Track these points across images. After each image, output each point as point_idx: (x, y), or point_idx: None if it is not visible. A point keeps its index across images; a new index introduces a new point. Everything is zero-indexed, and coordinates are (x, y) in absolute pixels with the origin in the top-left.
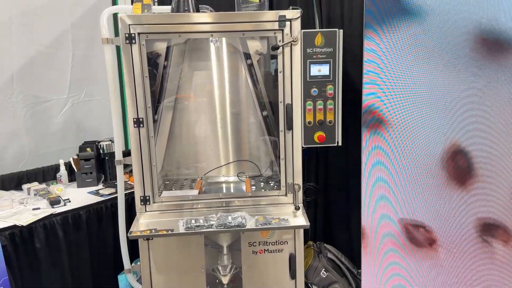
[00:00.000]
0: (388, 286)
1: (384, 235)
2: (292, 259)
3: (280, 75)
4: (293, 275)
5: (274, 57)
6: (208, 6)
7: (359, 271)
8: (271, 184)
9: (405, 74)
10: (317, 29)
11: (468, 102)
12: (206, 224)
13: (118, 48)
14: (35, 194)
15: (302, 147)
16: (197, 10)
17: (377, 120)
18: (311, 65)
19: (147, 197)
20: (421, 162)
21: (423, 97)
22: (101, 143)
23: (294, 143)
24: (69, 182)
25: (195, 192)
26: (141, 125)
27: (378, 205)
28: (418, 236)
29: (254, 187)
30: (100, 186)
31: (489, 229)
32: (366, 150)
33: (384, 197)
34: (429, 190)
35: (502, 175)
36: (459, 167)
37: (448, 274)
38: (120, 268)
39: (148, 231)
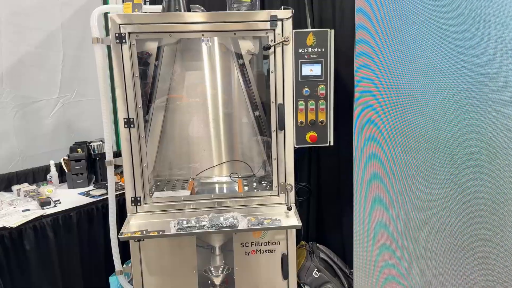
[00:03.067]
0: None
1: (378, 236)
2: (284, 259)
3: (272, 75)
4: (285, 276)
5: (266, 57)
6: (199, 6)
7: (352, 271)
8: (264, 185)
9: (399, 68)
10: (309, 29)
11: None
12: (198, 225)
13: (109, 48)
14: (25, 196)
15: (294, 147)
16: (188, 10)
17: (369, 119)
18: (303, 65)
19: (138, 198)
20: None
21: (420, 93)
22: (92, 144)
23: (286, 143)
24: (59, 183)
25: (187, 192)
26: (132, 126)
27: (371, 204)
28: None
29: (246, 188)
30: (91, 187)
31: None
32: (358, 150)
33: (378, 197)
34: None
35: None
36: None
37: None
38: (111, 269)
39: (139, 233)
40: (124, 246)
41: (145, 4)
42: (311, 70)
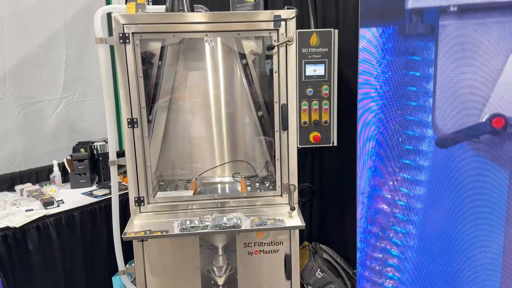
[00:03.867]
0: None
1: (380, 236)
2: (287, 259)
3: (275, 75)
4: (288, 276)
5: (269, 57)
6: (202, 6)
7: (355, 271)
8: (267, 185)
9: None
10: (312, 29)
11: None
12: (201, 225)
13: (112, 48)
14: (28, 195)
15: (298, 148)
16: (192, 10)
17: (371, 119)
18: (306, 65)
19: (142, 198)
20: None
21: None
22: (95, 144)
23: (290, 144)
24: (62, 183)
25: (190, 193)
26: (135, 126)
27: (375, 205)
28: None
29: (249, 188)
30: (94, 187)
31: None
32: (362, 150)
33: (381, 198)
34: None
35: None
36: None
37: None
38: (114, 269)
39: (143, 233)
40: (127, 246)
41: (148, 4)
42: (315, 70)
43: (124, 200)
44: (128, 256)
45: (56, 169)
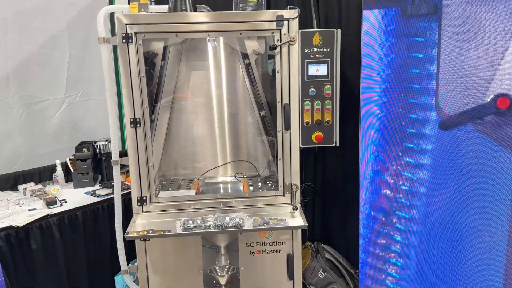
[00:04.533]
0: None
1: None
2: (290, 259)
3: (277, 75)
4: (291, 276)
5: (272, 57)
6: (205, 6)
7: (357, 271)
8: (269, 185)
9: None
10: (315, 29)
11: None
12: (203, 224)
13: (115, 48)
14: (31, 195)
15: (300, 147)
16: (195, 10)
17: (375, 117)
18: (309, 65)
19: (144, 198)
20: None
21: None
22: (97, 143)
23: (292, 144)
24: (65, 182)
25: (192, 192)
26: (138, 125)
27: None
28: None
29: (251, 188)
30: (97, 186)
31: None
32: (364, 150)
33: (383, 198)
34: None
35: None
36: None
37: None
38: (117, 268)
39: (145, 232)
40: (130, 246)
41: (151, 4)
42: (317, 70)
43: (126, 200)
44: (131, 255)
45: (59, 168)
